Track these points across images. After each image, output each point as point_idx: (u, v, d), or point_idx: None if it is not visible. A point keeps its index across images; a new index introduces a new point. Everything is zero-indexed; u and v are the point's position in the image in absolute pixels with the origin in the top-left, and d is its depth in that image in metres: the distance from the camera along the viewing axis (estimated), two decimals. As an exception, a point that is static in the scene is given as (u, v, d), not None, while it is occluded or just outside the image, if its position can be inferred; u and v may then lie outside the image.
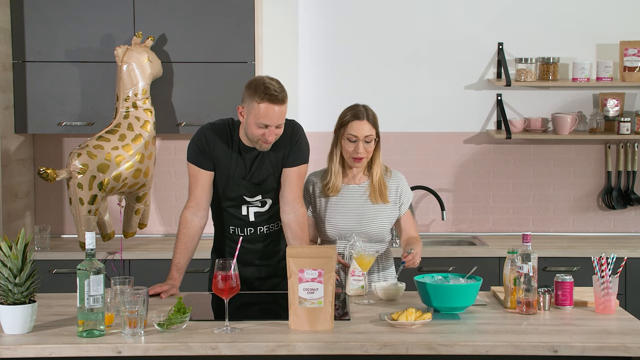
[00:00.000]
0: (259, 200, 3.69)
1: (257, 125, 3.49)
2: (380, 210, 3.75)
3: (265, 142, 3.54)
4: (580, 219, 5.37)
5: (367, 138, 3.66)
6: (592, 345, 2.90)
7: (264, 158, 3.65)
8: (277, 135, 3.55)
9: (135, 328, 2.95)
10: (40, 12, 4.87)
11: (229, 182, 3.65)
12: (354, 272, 3.60)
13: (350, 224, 3.73)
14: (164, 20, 4.88)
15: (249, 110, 3.50)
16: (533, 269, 3.25)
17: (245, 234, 3.71)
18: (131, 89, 4.71)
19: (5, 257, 2.96)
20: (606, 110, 5.20)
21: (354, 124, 3.68)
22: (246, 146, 3.63)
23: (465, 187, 5.37)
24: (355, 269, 3.60)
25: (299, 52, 5.30)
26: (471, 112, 5.34)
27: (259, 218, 3.71)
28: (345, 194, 3.77)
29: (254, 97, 3.48)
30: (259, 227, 3.72)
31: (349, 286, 3.61)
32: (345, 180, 3.79)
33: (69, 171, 4.55)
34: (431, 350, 2.90)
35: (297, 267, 3.07)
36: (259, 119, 3.47)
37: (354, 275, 3.60)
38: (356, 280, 3.60)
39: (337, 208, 3.76)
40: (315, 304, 3.05)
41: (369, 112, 3.72)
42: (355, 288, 3.59)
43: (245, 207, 3.69)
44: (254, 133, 3.52)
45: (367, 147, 3.67)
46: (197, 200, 3.66)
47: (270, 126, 3.49)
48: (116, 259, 4.66)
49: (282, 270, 3.75)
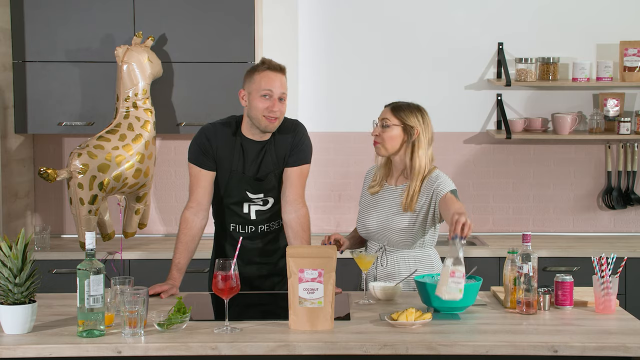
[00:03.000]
0: (261, 198, 3.69)
1: (260, 96, 3.55)
2: (405, 218, 3.65)
3: (271, 119, 3.57)
4: (580, 219, 5.37)
5: (384, 121, 3.66)
6: (592, 345, 2.90)
7: (266, 154, 3.66)
8: (281, 112, 3.58)
9: (135, 328, 2.95)
10: (40, 12, 4.87)
11: (232, 178, 3.65)
12: (453, 273, 3.14)
13: (376, 228, 3.70)
14: (164, 20, 4.88)
15: (251, 86, 3.58)
16: (533, 269, 3.25)
17: (246, 232, 3.72)
18: (131, 89, 4.71)
19: (5, 257, 2.96)
20: (606, 110, 5.20)
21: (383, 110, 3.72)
22: (249, 139, 3.65)
23: (465, 187, 5.37)
24: (455, 270, 3.14)
25: (299, 52, 5.30)
26: (471, 112, 5.34)
27: (260, 217, 3.72)
28: (382, 194, 3.73)
29: (254, 72, 3.59)
30: (260, 226, 3.73)
31: (445, 288, 3.14)
32: (388, 180, 3.75)
33: (69, 171, 4.55)
34: (431, 350, 2.90)
35: (297, 267, 3.07)
36: (262, 87, 3.54)
37: (453, 277, 3.15)
38: (455, 282, 3.14)
39: (370, 209, 3.73)
40: (315, 304, 3.05)
41: (400, 104, 3.70)
42: (453, 291, 3.14)
43: (247, 205, 3.69)
44: (259, 107, 3.56)
45: (382, 131, 3.65)
46: (198, 200, 3.66)
47: (273, 96, 3.55)
48: (116, 259, 4.66)
49: (281, 269, 3.76)
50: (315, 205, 5.24)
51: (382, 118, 3.67)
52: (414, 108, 3.70)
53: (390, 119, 3.66)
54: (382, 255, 3.68)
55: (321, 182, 5.36)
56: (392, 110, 3.68)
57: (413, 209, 3.63)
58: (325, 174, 5.37)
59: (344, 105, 5.36)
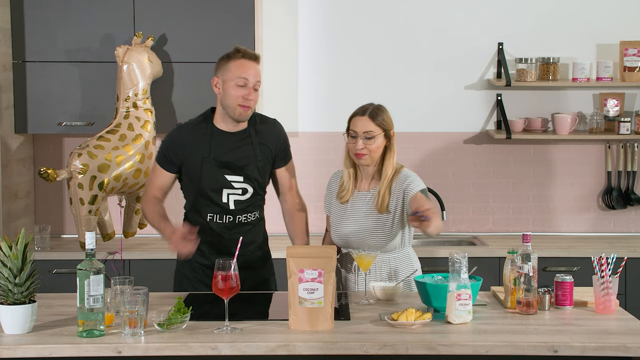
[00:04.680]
0: (241, 183, 3.68)
1: (235, 85, 3.57)
2: (380, 220, 3.65)
3: (246, 107, 3.59)
4: (580, 219, 5.37)
5: (367, 134, 3.61)
6: (592, 345, 2.90)
7: (245, 146, 3.68)
8: (255, 101, 3.61)
9: (135, 328, 2.95)
10: (40, 12, 4.87)
11: (205, 163, 3.65)
12: (459, 296, 3.08)
13: (353, 235, 3.68)
14: (164, 20, 4.88)
15: (225, 74, 3.60)
16: (533, 269, 3.25)
17: (223, 222, 3.71)
18: (131, 89, 4.71)
19: (5, 257, 2.96)
20: (606, 110, 5.20)
21: (355, 119, 3.67)
22: (222, 131, 3.68)
23: (465, 187, 5.37)
24: (461, 293, 3.06)
25: (299, 52, 5.30)
26: (471, 112, 5.34)
27: (239, 206, 3.71)
28: (353, 201, 3.71)
29: (229, 60, 3.62)
30: (238, 216, 3.72)
31: (454, 313, 3.09)
32: (357, 185, 3.73)
33: (69, 171, 4.56)
34: (431, 350, 2.90)
35: (297, 267, 3.07)
36: (237, 75, 3.57)
37: (459, 300, 3.08)
38: (463, 305, 3.07)
39: (344, 216, 3.72)
40: (315, 304, 3.05)
41: (373, 109, 3.65)
42: (462, 315, 3.08)
43: (226, 193, 3.69)
44: (234, 95, 3.58)
45: (368, 143, 3.62)
46: (156, 195, 3.75)
47: (249, 84, 3.57)
48: (116, 259, 4.66)
49: (257, 261, 3.78)
50: (315, 205, 5.23)
51: (365, 131, 3.61)
52: (384, 109, 3.69)
53: (374, 129, 3.62)
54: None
55: (321, 182, 5.35)
56: (371, 119, 3.63)
57: (387, 210, 3.63)
58: (326, 174, 5.33)
59: (344, 105, 5.32)
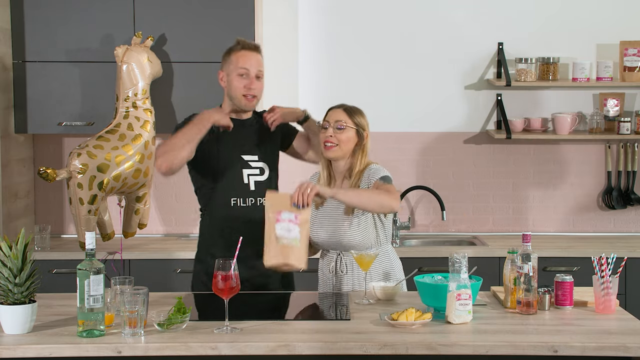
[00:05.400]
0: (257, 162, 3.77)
1: (238, 75, 3.71)
2: (352, 221, 3.61)
3: (250, 97, 3.71)
4: (580, 219, 5.37)
5: (338, 124, 3.62)
6: (592, 345, 2.90)
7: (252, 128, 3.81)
8: (259, 90, 3.73)
9: (135, 328, 2.95)
10: (40, 12, 4.87)
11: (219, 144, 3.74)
12: (459, 296, 3.02)
13: (328, 237, 3.65)
14: (163, 20, 4.88)
15: (228, 67, 3.75)
16: (533, 269, 3.25)
17: (247, 205, 3.74)
18: (131, 89, 4.71)
19: (5, 257, 2.96)
20: (606, 110, 5.20)
21: (330, 112, 3.71)
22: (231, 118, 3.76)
23: (465, 187, 5.37)
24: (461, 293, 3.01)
25: (299, 52, 5.30)
26: (471, 112, 5.34)
27: (259, 187, 3.75)
28: (326, 205, 3.68)
29: (231, 53, 3.77)
30: (259, 198, 3.75)
31: (454, 313, 3.07)
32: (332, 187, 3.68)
33: (69, 171, 4.55)
34: (431, 350, 2.90)
35: (274, 210, 3.20)
36: (239, 65, 3.71)
37: (459, 300, 3.04)
38: (463, 305, 3.03)
39: (319, 218, 3.68)
40: (291, 242, 3.09)
41: (350, 106, 3.70)
42: (462, 315, 3.05)
43: (246, 174, 3.75)
44: (237, 86, 3.72)
45: (337, 133, 3.62)
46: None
47: (250, 74, 3.70)
48: (116, 259, 4.66)
49: None
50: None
51: (336, 120, 3.63)
52: (361, 111, 3.71)
53: (346, 121, 3.63)
54: (340, 262, 3.65)
55: (321, 182, 5.36)
56: (345, 112, 3.65)
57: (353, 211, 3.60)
58: (325, 174, 5.36)
59: (344, 105, 5.35)
